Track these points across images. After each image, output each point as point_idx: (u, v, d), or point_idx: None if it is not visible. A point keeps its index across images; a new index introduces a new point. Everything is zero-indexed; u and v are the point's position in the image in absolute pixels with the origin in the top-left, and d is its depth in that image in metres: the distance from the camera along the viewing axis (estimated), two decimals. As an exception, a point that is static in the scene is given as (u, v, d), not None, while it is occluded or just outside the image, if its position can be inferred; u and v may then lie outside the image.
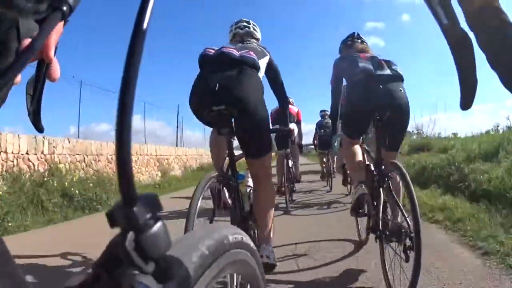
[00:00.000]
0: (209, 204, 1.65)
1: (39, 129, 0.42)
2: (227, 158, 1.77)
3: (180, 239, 0.42)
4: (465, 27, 0.53)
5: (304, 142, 6.75)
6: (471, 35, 0.53)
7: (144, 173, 8.13)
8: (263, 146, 1.75)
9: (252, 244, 0.56)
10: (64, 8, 0.28)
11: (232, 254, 0.48)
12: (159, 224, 0.26)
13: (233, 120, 1.63)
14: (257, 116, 1.65)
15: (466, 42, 0.52)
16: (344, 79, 2.13)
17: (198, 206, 1.37)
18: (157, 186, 7.51)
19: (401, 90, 1.84)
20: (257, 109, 1.64)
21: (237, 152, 1.80)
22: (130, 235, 0.24)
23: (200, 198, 1.40)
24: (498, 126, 7.96)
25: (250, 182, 1.80)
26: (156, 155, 8.81)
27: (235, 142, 1.79)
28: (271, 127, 1.98)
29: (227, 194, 1.68)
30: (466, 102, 0.54)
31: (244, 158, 1.84)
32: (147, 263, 0.25)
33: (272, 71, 1.90)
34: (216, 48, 1.72)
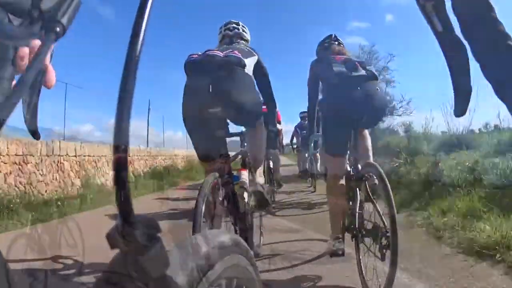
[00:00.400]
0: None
1: (36, 135, 0.42)
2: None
3: (174, 249, 0.43)
4: (460, 35, 0.54)
5: (284, 142, 7.07)
6: (466, 43, 0.53)
7: (50, 182, 4.98)
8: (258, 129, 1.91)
9: (246, 247, 0.57)
10: (58, 29, 0.28)
11: (227, 260, 0.49)
12: (157, 245, 0.27)
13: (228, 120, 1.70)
14: (253, 112, 1.72)
15: (460, 50, 0.53)
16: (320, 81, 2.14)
17: (203, 208, 1.39)
18: (59, 203, 4.29)
19: (377, 89, 1.89)
20: (252, 105, 1.70)
21: (231, 153, 1.83)
22: (130, 256, 0.25)
23: (205, 199, 1.42)
24: (487, 124, 8.06)
25: (244, 181, 1.81)
26: (76, 156, 5.85)
27: (231, 143, 1.85)
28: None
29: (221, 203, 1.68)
30: (461, 108, 0.55)
31: (236, 160, 1.90)
32: (147, 282, 0.26)
33: (260, 72, 1.91)
34: (200, 53, 1.73)
